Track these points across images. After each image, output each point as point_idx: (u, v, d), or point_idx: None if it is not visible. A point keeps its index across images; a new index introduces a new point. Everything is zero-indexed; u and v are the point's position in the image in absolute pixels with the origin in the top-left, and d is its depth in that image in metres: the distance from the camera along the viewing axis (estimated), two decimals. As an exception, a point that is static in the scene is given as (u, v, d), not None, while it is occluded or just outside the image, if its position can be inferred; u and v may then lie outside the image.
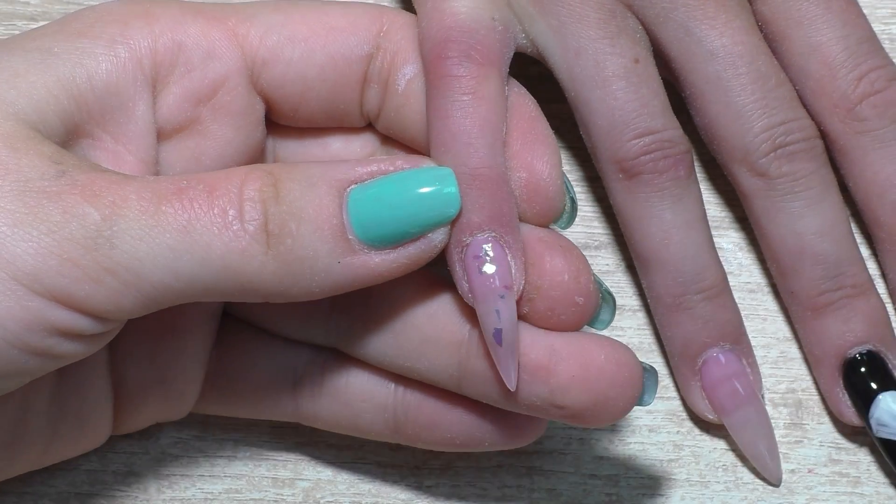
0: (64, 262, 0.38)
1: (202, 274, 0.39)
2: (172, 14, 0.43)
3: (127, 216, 0.38)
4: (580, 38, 0.47)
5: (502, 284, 0.41)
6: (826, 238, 0.47)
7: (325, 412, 0.45)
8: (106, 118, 0.42)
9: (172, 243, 0.38)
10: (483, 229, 0.41)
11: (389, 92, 0.44)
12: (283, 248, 0.39)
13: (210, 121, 0.43)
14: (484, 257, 0.41)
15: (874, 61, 0.48)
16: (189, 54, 0.43)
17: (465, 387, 0.43)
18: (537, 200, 0.43)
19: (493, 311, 0.41)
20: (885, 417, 0.47)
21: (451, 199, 0.41)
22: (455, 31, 0.43)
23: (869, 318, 0.48)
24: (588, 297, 0.42)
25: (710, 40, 0.47)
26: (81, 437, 0.45)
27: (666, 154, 0.47)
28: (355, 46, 0.44)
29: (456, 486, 0.49)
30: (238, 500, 0.49)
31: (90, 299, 0.38)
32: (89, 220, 0.38)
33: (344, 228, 0.40)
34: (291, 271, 0.39)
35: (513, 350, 0.41)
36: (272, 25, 0.44)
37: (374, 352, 0.44)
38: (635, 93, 0.46)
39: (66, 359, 0.40)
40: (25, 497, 0.48)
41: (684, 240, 0.47)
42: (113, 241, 0.38)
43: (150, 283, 0.39)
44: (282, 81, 0.44)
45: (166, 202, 0.39)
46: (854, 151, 0.48)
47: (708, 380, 0.48)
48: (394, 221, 0.40)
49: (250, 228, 0.39)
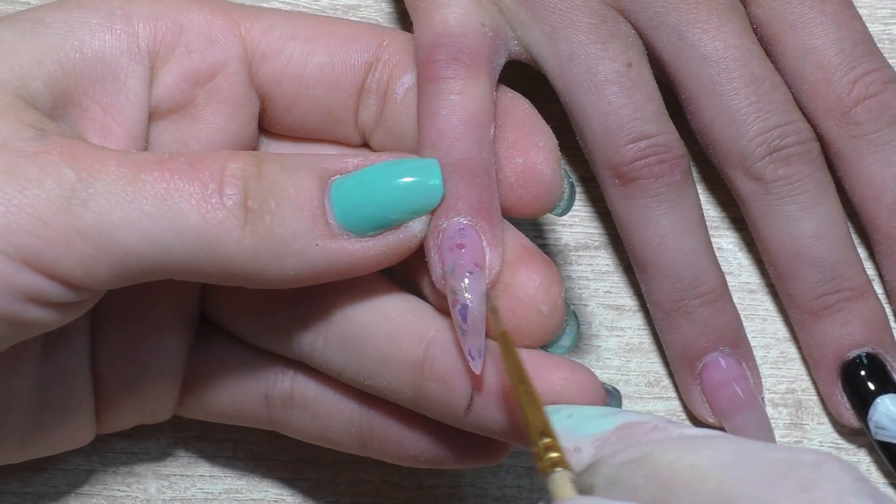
0: (35, 220, 0.38)
1: (177, 244, 0.39)
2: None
3: (104, 179, 0.38)
4: (572, 44, 0.47)
5: (472, 261, 0.41)
6: (823, 241, 0.47)
7: (297, 423, 0.45)
8: (96, 87, 0.42)
9: (148, 209, 0.38)
10: (460, 214, 0.41)
11: (388, 101, 0.44)
12: (260, 224, 0.39)
13: (204, 105, 0.43)
14: (457, 236, 0.41)
15: (869, 64, 0.48)
16: (190, 37, 0.43)
17: (421, 407, 0.43)
18: (533, 185, 0.42)
19: (460, 286, 0.41)
20: (884, 420, 0.47)
21: (433, 189, 0.41)
22: (444, 36, 0.43)
23: (867, 321, 0.48)
24: (553, 310, 0.42)
25: (703, 44, 0.47)
26: (61, 433, 0.45)
27: (661, 159, 0.47)
28: (356, 53, 0.44)
29: (456, 486, 0.49)
30: (238, 500, 0.49)
31: (60, 262, 0.38)
32: (65, 179, 0.38)
33: (324, 211, 0.40)
34: (267, 248, 0.39)
35: (478, 330, 0.41)
36: (276, 23, 0.44)
37: (335, 367, 0.43)
38: (629, 97, 0.46)
39: (37, 327, 0.39)
40: (26, 497, 0.48)
41: (681, 245, 0.47)
42: (88, 202, 0.38)
43: (122, 249, 0.38)
44: (279, 77, 0.44)
45: (146, 171, 0.39)
46: (849, 155, 0.48)
47: (708, 384, 0.48)
48: (375, 206, 0.40)
49: (229, 203, 0.39)
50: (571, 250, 0.51)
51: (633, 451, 0.36)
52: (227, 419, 0.46)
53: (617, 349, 0.50)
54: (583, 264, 0.51)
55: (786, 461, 0.34)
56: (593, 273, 0.51)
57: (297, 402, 0.45)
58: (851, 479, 0.33)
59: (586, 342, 0.50)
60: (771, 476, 0.33)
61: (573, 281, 0.50)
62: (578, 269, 0.51)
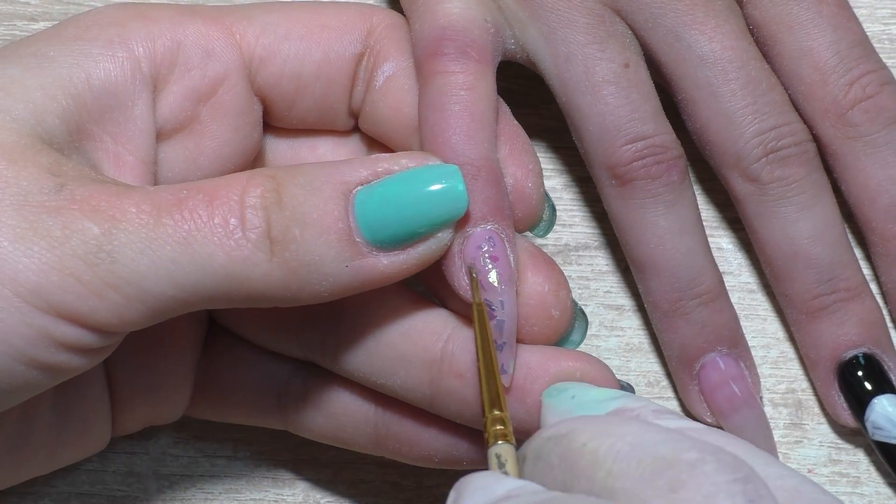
0: (66, 277, 0.38)
1: (206, 284, 0.39)
2: (170, 16, 0.43)
3: (127, 230, 0.38)
4: (569, 44, 0.47)
5: (506, 274, 0.41)
6: (819, 242, 0.47)
7: (310, 423, 0.45)
8: (105, 118, 0.42)
9: (174, 255, 0.38)
10: (487, 220, 0.41)
11: (370, 88, 0.44)
12: (287, 254, 0.39)
13: (209, 120, 0.43)
14: (488, 249, 0.41)
15: (865, 66, 0.48)
16: (188, 53, 0.43)
17: (437, 405, 0.43)
18: (520, 207, 0.43)
19: (497, 302, 0.41)
20: (881, 420, 0.47)
21: (459, 196, 0.40)
22: (449, 29, 0.43)
23: (863, 321, 0.48)
24: (563, 313, 0.42)
25: (699, 46, 0.47)
26: (85, 442, 0.45)
27: (658, 159, 0.47)
28: (348, 45, 0.44)
29: (456, 486, 0.49)
30: (238, 500, 0.49)
31: (94, 314, 0.38)
32: (89, 234, 0.38)
33: (351, 232, 0.39)
34: (298, 277, 0.39)
35: (512, 343, 0.41)
36: (268, 24, 0.44)
37: (348, 367, 0.43)
38: (626, 98, 0.46)
39: (72, 372, 0.40)
40: (26, 497, 0.48)
41: (679, 246, 0.47)
42: (114, 255, 0.38)
43: (153, 296, 0.38)
44: (278, 78, 0.44)
45: (166, 214, 0.38)
46: (845, 156, 0.48)
47: (706, 384, 0.48)
48: (402, 222, 0.40)
49: (252, 237, 0.39)
50: (571, 250, 0.51)
51: (560, 427, 0.36)
52: (239, 419, 0.47)
53: (617, 349, 0.50)
54: (583, 264, 0.51)
55: (666, 458, 0.33)
56: (593, 273, 0.51)
57: (310, 402, 0.45)
58: (728, 481, 0.33)
59: (586, 342, 0.50)
60: (648, 473, 0.33)
61: (573, 281, 0.50)
62: (578, 269, 0.51)
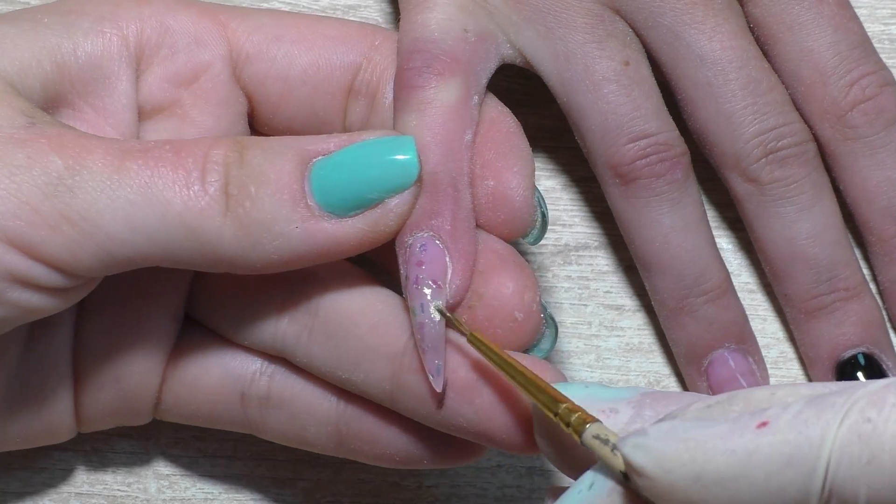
0: (22, 205, 0.38)
1: (161, 231, 0.39)
2: (164, 1, 0.44)
3: (90, 168, 0.39)
4: (568, 43, 0.47)
5: (431, 279, 0.41)
6: (818, 242, 0.47)
7: (273, 423, 0.45)
8: (88, 89, 0.43)
9: (133, 197, 0.39)
10: (423, 230, 0.41)
11: (377, 105, 0.44)
12: (241, 210, 0.40)
13: (191, 105, 0.44)
14: (419, 253, 0.41)
15: (865, 67, 0.48)
16: (175, 38, 0.44)
17: (397, 402, 0.43)
18: (503, 210, 0.43)
19: (418, 305, 0.41)
20: (880, 420, 0.47)
21: (409, 163, 0.41)
22: (420, 41, 0.44)
23: (862, 321, 0.48)
24: (528, 315, 0.42)
25: (699, 45, 0.47)
26: (38, 423, 0.45)
27: (662, 157, 0.47)
28: (342, 54, 0.44)
29: (456, 486, 0.49)
30: (238, 500, 0.49)
31: (46, 245, 0.39)
32: (52, 167, 0.39)
33: (304, 194, 0.40)
34: (249, 234, 0.40)
35: (437, 347, 0.41)
36: (262, 24, 0.44)
37: (316, 359, 0.44)
38: (627, 96, 0.46)
39: (30, 311, 0.40)
40: (26, 497, 0.48)
41: (683, 243, 0.47)
42: (74, 189, 0.39)
43: (107, 235, 0.39)
44: (263, 78, 0.44)
45: (131, 158, 0.39)
46: (844, 157, 0.48)
47: (714, 380, 0.48)
48: (353, 185, 0.40)
49: (210, 189, 0.40)
50: (571, 250, 0.51)
51: (709, 399, 0.36)
52: (202, 421, 0.46)
53: (617, 349, 0.50)
54: (583, 264, 0.51)
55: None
56: (593, 273, 0.51)
57: (273, 401, 0.45)
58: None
59: (586, 342, 0.50)
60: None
61: (573, 281, 0.50)
62: (578, 269, 0.51)
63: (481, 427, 0.41)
